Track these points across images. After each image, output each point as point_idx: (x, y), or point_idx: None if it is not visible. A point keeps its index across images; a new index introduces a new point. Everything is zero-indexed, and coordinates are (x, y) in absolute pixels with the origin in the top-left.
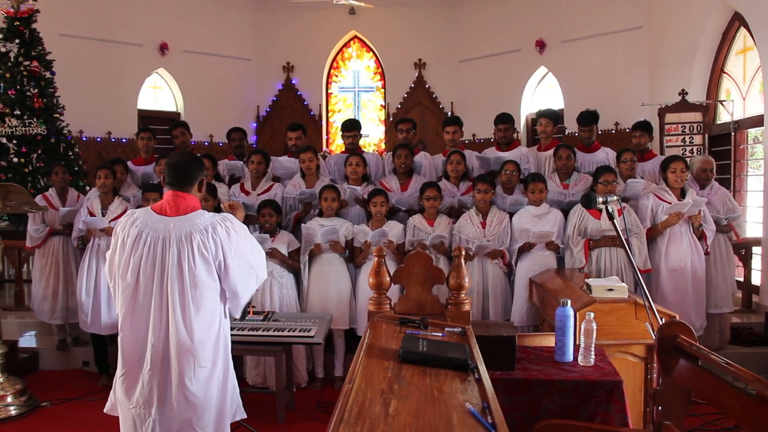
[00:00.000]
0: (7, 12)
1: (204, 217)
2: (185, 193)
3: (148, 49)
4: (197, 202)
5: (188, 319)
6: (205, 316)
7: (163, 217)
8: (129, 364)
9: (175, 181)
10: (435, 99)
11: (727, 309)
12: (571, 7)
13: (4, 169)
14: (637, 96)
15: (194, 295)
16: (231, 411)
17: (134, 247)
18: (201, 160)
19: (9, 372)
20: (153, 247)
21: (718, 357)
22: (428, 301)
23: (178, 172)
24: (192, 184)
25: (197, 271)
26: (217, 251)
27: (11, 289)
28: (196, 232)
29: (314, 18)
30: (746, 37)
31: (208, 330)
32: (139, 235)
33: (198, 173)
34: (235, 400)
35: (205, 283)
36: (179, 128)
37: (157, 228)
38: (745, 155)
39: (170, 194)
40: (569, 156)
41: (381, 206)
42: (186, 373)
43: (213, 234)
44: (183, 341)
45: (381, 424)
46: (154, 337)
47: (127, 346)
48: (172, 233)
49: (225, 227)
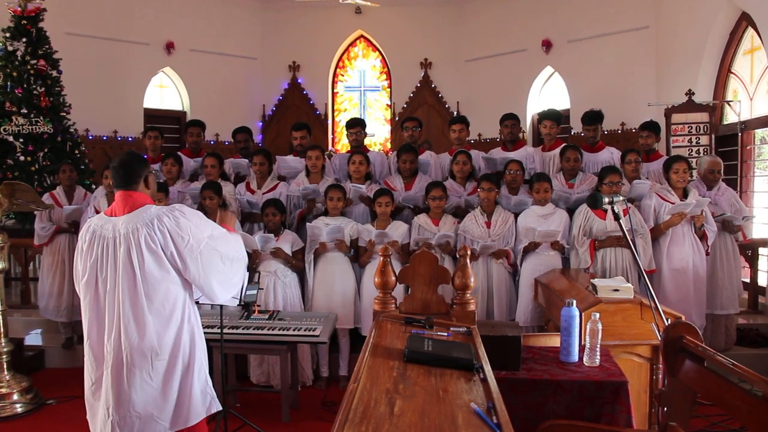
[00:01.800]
0: (15, 11)
1: (150, 210)
2: (132, 191)
3: (155, 48)
4: (146, 198)
5: (141, 315)
6: (160, 309)
7: (112, 218)
8: (97, 368)
9: (121, 182)
10: (441, 98)
11: (733, 310)
12: (578, 7)
13: (11, 168)
14: (643, 96)
15: (146, 289)
16: (205, 404)
17: (89, 251)
18: (143, 157)
19: (15, 370)
20: (105, 249)
21: (723, 358)
22: (433, 300)
23: (121, 172)
24: (137, 182)
25: (146, 266)
26: (165, 242)
27: (17, 287)
28: (142, 226)
29: (320, 17)
30: (754, 37)
31: (166, 325)
32: (93, 240)
33: (142, 170)
34: (208, 393)
35: (157, 277)
36: (197, 128)
37: (106, 229)
38: (752, 156)
39: (119, 195)
40: (577, 158)
41: (386, 206)
42: (143, 369)
43: (159, 225)
44: (133, 338)
45: (386, 423)
46: (109, 337)
47: (97, 351)
48: (121, 231)
49: (172, 216)
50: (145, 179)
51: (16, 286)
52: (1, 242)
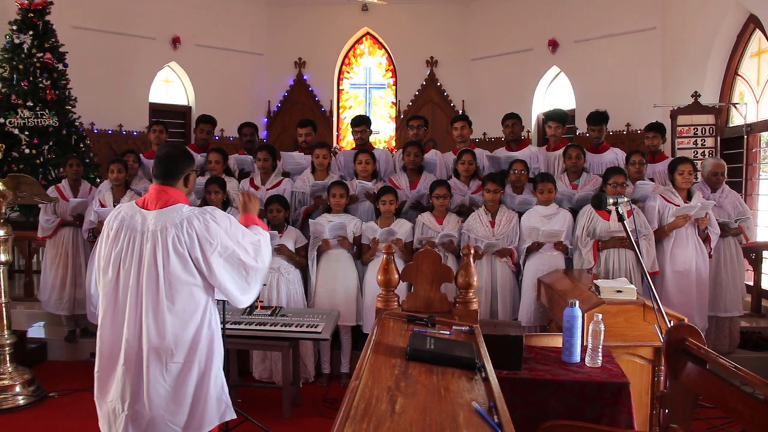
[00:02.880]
0: (22, 3)
1: (182, 211)
2: (169, 187)
3: (161, 43)
4: (181, 197)
5: (161, 316)
6: (180, 312)
7: (143, 210)
8: (106, 359)
9: (161, 174)
10: (446, 97)
11: (737, 313)
12: (585, 7)
13: (16, 160)
14: (649, 97)
15: (168, 291)
16: (219, 411)
17: (115, 240)
18: (190, 154)
19: (17, 362)
20: (131, 241)
21: (726, 361)
22: (436, 299)
23: (165, 164)
24: (178, 178)
25: (171, 267)
26: (192, 245)
27: (21, 280)
28: (171, 226)
29: (327, 14)
30: (761, 40)
31: (185, 327)
32: (120, 229)
33: (185, 167)
34: (223, 400)
35: (181, 279)
36: (208, 124)
37: (135, 221)
38: (757, 159)
39: (154, 187)
40: (579, 155)
41: (390, 204)
42: (157, 369)
43: (188, 228)
44: (153, 338)
45: (387, 421)
46: (128, 332)
47: (106, 341)
48: (150, 227)
49: (202, 220)
50: (186, 177)
51: (20, 279)
52: (5, 234)
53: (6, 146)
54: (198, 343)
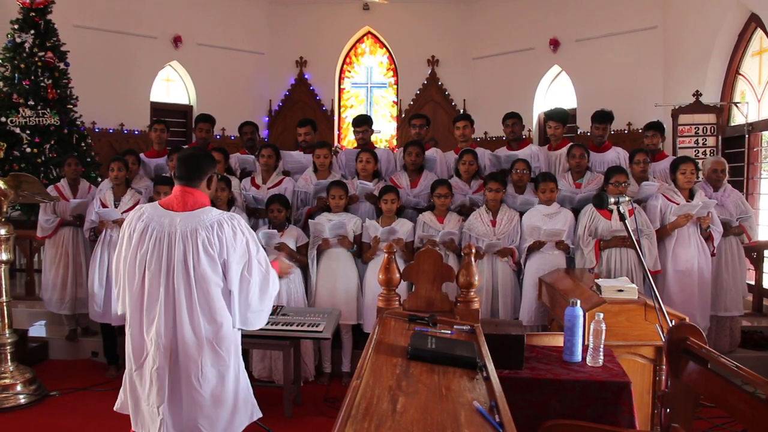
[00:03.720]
0: (23, 3)
1: (211, 213)
2: (193, 189)
3: (162, 42)
4: (205, 198)
5: (195, 317)
6: (213, 313)
7: (170, 212)
8: (139, 360)
9: (185, 175)
10: (447, 96)
11: (738, 312)
12: (586, 6)
13: (17, 159)
14: (650, 96)
15: (201, 291)
16: (248, 412)
17: (140, 242)
18: (212, 156)
19: (19, 361)
20: (159, 243)
21: (727, 360)
22: (437, 298)
23: (189, 166)
24: (201, 179)
25: (202, 268)
26: (221, 249)
27: (22, 279)
28: (202, 228)
29: (328, 13)
30: (762, 39)
31: (218, 328)
32: (145, 230)
33: (209, 169)
34: (250, 401)
35: (212, 280)
36: (207, 123)
37: (163, 223)
38: (758, 158)
39: (179, 189)
40: (582, 155)
41: (392, 203)
42: (193, 372)
43: (218, 231)
44: (189, 339)
45: (388, 420)
46: (161, 333)
47: (137, 342)
48: (178, 229)
49: (230, 226)
50: (209, 179)
51: (21, 278)
52: (7, 233)
53: (7, 145)
54: (230, 344)
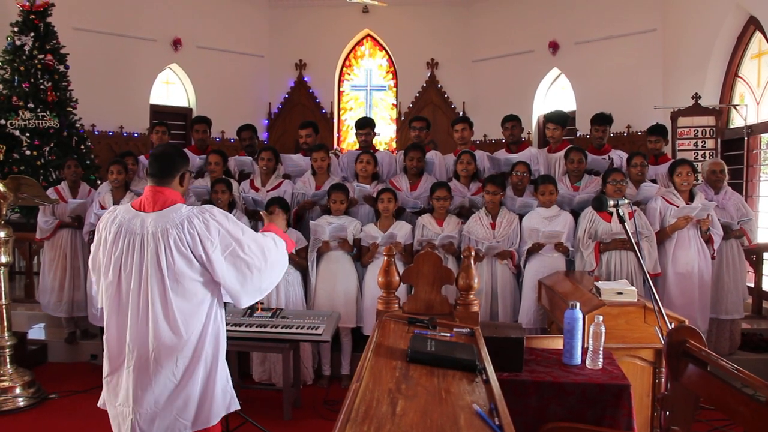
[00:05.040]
0: (23, 5)
1: (181, 211)
2: (164, 188)
3: (162, 45)
4: (177, 196)
5: (170, 314)
6: (189, 307)
7: (141, 213)
8: (116, 363)
9: (157, 173)
10: (447, 99)
11: (738, 315)
12: (585, 9)
13: (17, 162)
14: (650, 99)
15: (175, 288)
16: (225, 403)
17: (114, 244)
18: (185, 153)
19: (18, 364)
20: (131, 245)
21: (727, 363)
22: (437, 301)
23: (161, 163)
24: (174, 177)
25: (176, 266)
26: (195, 244)
27: (21, 281)
28: (172, 227)
29: (327, 16)
30: (761, 42)
31: (193, 323)
32: (118, 233)
33: (181, 166)
34: (228, 392)
35: (187, 276)
36: (203, 124)
37: (134, 224)
38: (758, 160)
39: (149, 189)
40: (581, 160)
41: (389, 202)
42: (168, 367)
43: (189, 228)
44: (164, 337)
45: (388, 423)
46: (135, 335)
47: (113, 345)
48: (149, 229)
49: (202, 218)
50: (181, 176)
51: (20, 280)
52: (6, 236)
53: (7, 148)
54: (204, 339)
